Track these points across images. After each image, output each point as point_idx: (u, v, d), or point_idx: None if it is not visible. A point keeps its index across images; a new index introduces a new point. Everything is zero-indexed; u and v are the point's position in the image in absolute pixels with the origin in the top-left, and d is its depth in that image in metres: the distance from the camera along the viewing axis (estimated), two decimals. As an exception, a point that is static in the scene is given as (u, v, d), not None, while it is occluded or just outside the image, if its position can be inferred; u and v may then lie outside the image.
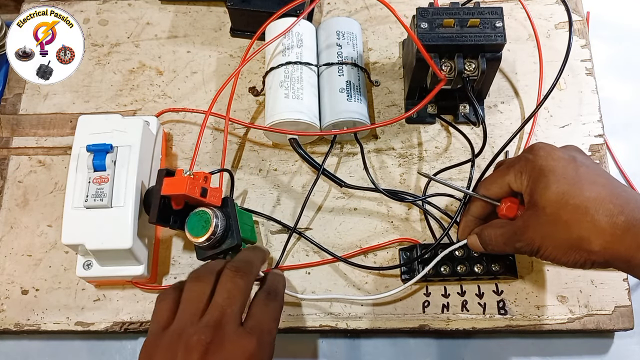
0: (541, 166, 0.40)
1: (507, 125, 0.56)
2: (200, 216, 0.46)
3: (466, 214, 0.47)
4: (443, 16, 0.49)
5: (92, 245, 0.45)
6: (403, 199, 0.52)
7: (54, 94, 0.59)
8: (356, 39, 0.56)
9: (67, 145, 0.57)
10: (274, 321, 0.40)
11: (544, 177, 0.39)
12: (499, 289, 0.50)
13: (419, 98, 0.55)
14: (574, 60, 0.58)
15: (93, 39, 0.62)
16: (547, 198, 0.39)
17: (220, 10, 0.63)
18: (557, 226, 0.38)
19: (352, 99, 0.52)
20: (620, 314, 0.49)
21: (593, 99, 0.57)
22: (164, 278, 0.51)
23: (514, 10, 0.61)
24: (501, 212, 0.44)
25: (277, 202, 0.54)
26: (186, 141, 0.57)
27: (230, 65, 0.60)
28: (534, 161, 0.41)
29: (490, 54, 0.49)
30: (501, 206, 0.43)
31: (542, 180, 0.39)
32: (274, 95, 0.52)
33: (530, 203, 0.40)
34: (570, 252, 0.38)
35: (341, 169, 0.55)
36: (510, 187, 0.42)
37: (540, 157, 0.40)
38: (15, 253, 0.53)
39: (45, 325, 0.50)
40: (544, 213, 0.39)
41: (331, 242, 0.52)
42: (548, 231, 0.39)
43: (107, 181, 0.46)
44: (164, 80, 0.60)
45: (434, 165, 0.54)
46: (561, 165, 0.40)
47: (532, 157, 0.41)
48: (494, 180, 0.44)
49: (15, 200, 0.55)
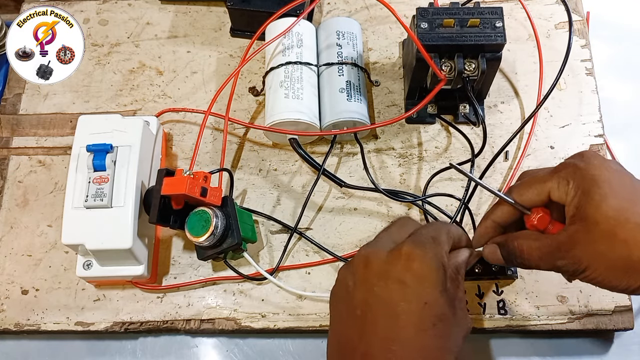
0: (594, 176, 0.35)
1: (507, 125, 0.56)
2: (200, 216, 0.46)
3: (486, 219, 0.41)
4: (443, 16, 0.49)
5: (92, 245, 0.45)
6: (403, 199, 0.52)
7: (54, 94, 0.59)
8: (356, 39, 0.56)
9: (67, 145, 0.57)
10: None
11: (598, 189, 0.34)
12: (499, 289, 0.50)
13: (419, 98, 0.55)
14: (574, 60, 0.58)
15: (93, 39, 0.62)
16: (603, 213, 0.33)
17: (220, 10, 0.63)
18: (613, 245, 0.33)
19: (352, 99, 0.52)
20: (620, 314, 0.48)
21: (593, 99, 0.57)
22: (164, 278, 0.51)
23: (514, 10, 0.61)
24: (531, 222, 0.38)
25: (277, 202, 0.54)
26: (186, 141, 0.57)
27: (230, 65, 0.60)
28: (586, 169, 0.35)
29: (490, 54, 0.49)
30: (531, 216, 0.38)
31: (596, 191, 0.34)
32: (274, 95, 0.52)
33: (578, 217, 0.35)
34: (624, 276, 0.33)
35: (341, 169, 0.55)
36: (550, 196, 0.37)
37: (594, 165, 0.35)
38: (15, 253, 0.53)
39: (45, 325, 0.50)
40: (597, 229, 0.33)
41: (331, 242, 0.52)
42: (601, 250, 0.33)
43: (107, 181, 0.46)
44: (164, 80, 0.60)
45: (434, 165, 0.54)
46: (617, 177, 0.35)
47: (584, 165, 0.35)
48: (531, 186, 0.38)
49: (15, 200, 0.55)
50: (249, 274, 0.50)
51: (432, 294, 0.33)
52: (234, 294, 0.51)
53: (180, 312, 0.50)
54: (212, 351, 0.51)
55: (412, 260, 0.34)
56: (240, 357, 0.51)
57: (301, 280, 0.51)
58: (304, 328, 0.49)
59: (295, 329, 0.49)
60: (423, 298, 0.33)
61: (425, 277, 0.34)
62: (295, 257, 0.52)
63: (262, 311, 0.50)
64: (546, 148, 0.55)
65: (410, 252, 0.34)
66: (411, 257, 0.34)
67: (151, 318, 0.50)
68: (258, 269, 0.49)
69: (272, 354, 0.51)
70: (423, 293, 0.33)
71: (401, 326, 0.33)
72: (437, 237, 0.36)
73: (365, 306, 0.34)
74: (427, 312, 0.33)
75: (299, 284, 0.51)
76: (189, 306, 0.50)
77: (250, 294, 0.50)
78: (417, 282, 0.34)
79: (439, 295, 0.34)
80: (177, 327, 0.50)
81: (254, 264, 0.48)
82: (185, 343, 0.51)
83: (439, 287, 0.34)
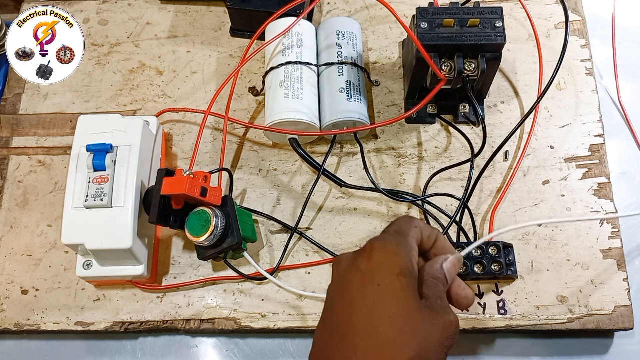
0: None
1: (507, 125, 0.56)
2: (200, 216, 0.46)
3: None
4: (443, 16, 0.49)
5: (92, 245, 0.45)
6: (403, 199, 0.52)
7: (54, 94, 0.59)
8: (356, 39, 0.56)
9: (67, 145, 0.57)
10: None
11: None
12: (499, 289, 0.50)
13: (419, 98, 0.55)
14: (574, 60, 0.58)
15: (93, 39, 0.62)
16: None
17: (220, 10, 0.63)
18: None
19: (352, 99, 0.52)
20: (620, 314, 0.48)
21: (593, 99, 0.57)
22: (164, 278, 0.51)
23: (514, 10, 0.61)
24: None
25: (277, 202, 0.54)
26: (186, 141, 0.57)
27: (230, 65, 0.60)
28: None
29: (490, 54, 0.49)
30: None
31: None
32: (274, 95, 0.52)
33: None
34: None
35: (341, 169, 0.55)
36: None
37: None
38: (15, 253, 0.53)
39: (45, 325, 0.50)
40: None
41: (331, 242, 0.52)
42: None
43: (107, 181, 0.46)
44: (164, 80, 0.60)
45: (434, 165, 0.54)
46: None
47: None
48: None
49: (15, 200, 0.55)
50: (249, 273, 0.50)
51: (387, 276, 0.33)
52: (234, 294, 0.51)
53: (180, 312, 0.50)
54: (212, 351, 0.51)
55: (373, 252, 0.35)
56: (240, 357, 0.51)
57: (301, 280, 0.51)
58: (304, 328, 0.49)
59: (295, 329, 0.49)
60: (377, 280, 0.33)
61: (383, 262, 0.34)
62: (295, 257, 0.52)
63: (262, 311, 0.50)
64: (546, 148, 0.55)
65: (372, 245, 0.35)
66: (373, 249, 0.35)
67: (151, 318, 0.50)
68: (258, 269, 0.49)
69: (272, 354, 0.51)
70: (378, 276, 0.33)
71: (355, 310, 0.33)
72: (401, 229, 0.36)
73: (331, 300, 0.36)
74: (381, 293, 0.33)
75: (299, 283, 0.51)
76: (189, 306, 0.50)
77: (250, 293, 0.50)
78: (374, 267, 0.34)
79: (395, 278, 0.33)
80: (177, 327, 0.50)
81: (254, 263, 0.48)
82: (185, 343, 0.51)
83: (397, 270, 0.33)
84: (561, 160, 0.54)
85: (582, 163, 0.54)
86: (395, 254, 0.34)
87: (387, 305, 0.33)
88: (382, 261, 0.34)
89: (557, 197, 0.53)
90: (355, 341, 0.32)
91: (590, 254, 0.50)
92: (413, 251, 0.35)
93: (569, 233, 0.51)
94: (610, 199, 0.52)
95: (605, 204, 0.52)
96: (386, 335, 0.32)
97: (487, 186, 0.53)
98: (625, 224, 0.53)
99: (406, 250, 0.35)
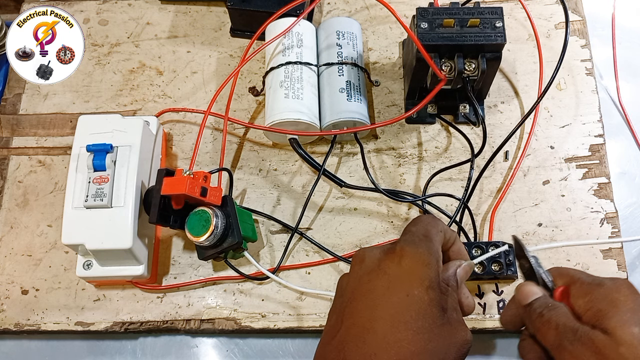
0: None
1: (507, 125, 0.56)
2: (200, 216, 0.46)
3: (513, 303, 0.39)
4: (443, 16, 0.49)
5: (92, 245, 0.45)
6: (403, 199, 0.52)
7: (54, 94, 0.59)
8: (356, 39, 0.56)
9: (67, 145, 0.57)
10: None
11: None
12: (499, 289, 0.50)
13: (419, 98, 0.55)
14: (574, 60, 0.58)
15: (93, 39, 0.62)
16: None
17: (220, 10, 0.63)
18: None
19: (352, 99, 0.52)
20: (620, 314, 0.48)
21: (593, 99, 0.57)
22: (164, 278, 0.51)
23: (514, 10, 0.61)
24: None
25: (277, 202, 0.54)
26: (186, 141, 0.57)
27: (230, 65, 0.60)
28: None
29: (490, 54, 0.49)
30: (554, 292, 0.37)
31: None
32: (274, 95, 0.52)
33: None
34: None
35: (341, 169, 0.55)
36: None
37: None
38: (15, 253, 0.53)
39: (45, 325, 0.50)
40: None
41: (331, 242, 0.52)
42: None
43: (107, 181, 0.46)
44: (164, 80, 0.60)
45: (434, 165, 0.54)
46: None
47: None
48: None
49: (15, 200, 0.55)
50: (249, 273, 0.50)
51: (417, 287, 0.33)
52: (234, 293, 0.51)
53: (180, 312, 0.50)
54: (212, 351, 0.51)
55: (403, 257, 0.34)
56: (240, 357, 0.51)
57: (301, 280, 0.51)
58: (304, 328, 0.49)
59: (295, 329, 0.49)
60: (406, 290, 0.33)
61: (413, 271, 0.33)
62: (296, 257, 0.52)
63: (262, 311, 0.50)
64: (546, 148, 0.55)
65: (402, 249, 0.34)
66: (403, 254, 0.34)
67: (151, 318, 0.50)
68: (259, 268, 0.49)
69: (272, 354, 0.51)
70: (407, 285, 0.33)
71: (378, 317, 0.32)
72: (428, 234, 0.35)
73: (352, 298, 0.35)
74: (408, 304, 0.32)
75: (299, 283, 0.51)
76: (189, 306, 0.50)
77: (250, 293, 0.50)
78: (404, 275, 0.33)
79: (425, 291, 0.32)
80: (177, 327, 0.50)
81: (254, 263, 0.48)
82: (185, 343, 0.51)
83: (426, 283, 0.33)
84: (561, 160, 0.54)
85: (582, 163, 0.54)
86: (426, 265, 0.33)
87: (414, 319, 0.32)
88: (413, 270, 0.33)
89: (557, 197, 0.53)
90: (376, 352, 0.32)
91: (590, 254, 0.50)
92: (440, 261, 0.35)
93: (569, 233, 0.51)
94: (610, 199, 0.52)
95: (605, 204, 0.52)
96: (409, 350, 0.31)
97: (487, 186, 0.53)
98: (625, 224, 0.53)
99: (436, 259, 0.34)
